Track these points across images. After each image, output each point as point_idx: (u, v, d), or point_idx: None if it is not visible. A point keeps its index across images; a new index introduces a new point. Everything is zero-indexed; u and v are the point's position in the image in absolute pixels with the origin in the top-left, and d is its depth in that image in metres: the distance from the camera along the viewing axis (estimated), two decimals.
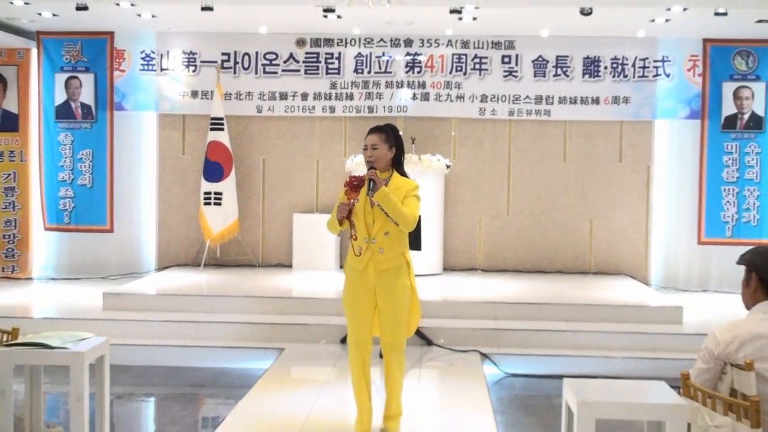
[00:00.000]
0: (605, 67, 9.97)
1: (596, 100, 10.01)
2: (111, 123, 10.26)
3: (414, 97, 10.09)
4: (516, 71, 10.03)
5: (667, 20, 8.96)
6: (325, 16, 8.93)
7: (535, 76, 10.02)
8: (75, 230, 10.30)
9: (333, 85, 10.14)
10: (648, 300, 8.37)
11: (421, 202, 4.79)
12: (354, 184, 4.66)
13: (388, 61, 10.12)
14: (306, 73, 10.15)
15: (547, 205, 10.21)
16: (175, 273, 9.79)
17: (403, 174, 4.87)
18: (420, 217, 4.80)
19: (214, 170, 9.82)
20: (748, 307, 3.35)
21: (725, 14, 8.57)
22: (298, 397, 5.81)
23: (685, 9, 8.39)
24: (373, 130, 4.84)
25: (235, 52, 10.17)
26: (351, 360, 4.91)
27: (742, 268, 3.39)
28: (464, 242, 10.26)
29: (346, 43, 10.11)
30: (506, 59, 10.03)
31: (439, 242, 9.82)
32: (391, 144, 4.80)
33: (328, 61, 10.14)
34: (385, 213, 4.62)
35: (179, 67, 10.22)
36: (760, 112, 9.86)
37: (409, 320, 4.88)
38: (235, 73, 10.17)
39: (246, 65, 10.18)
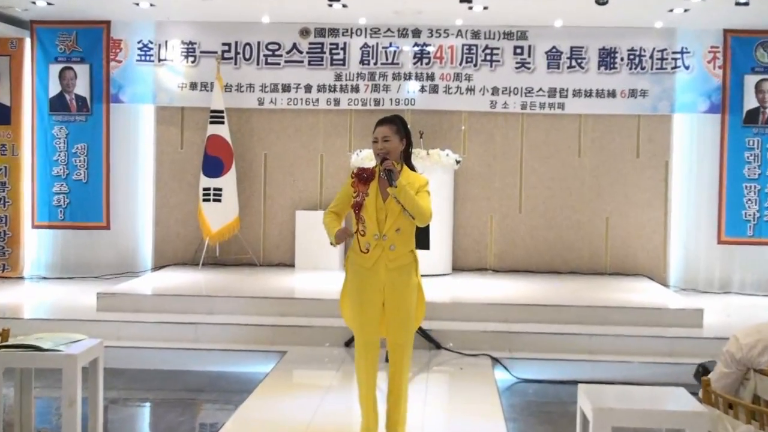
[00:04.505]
0: (622, 59, 9.93)
1: (612, 93, 9.98)
2: (107, 116, 10.25)
3: (422, 89, 10.07)
4: (529, 63, 10.00)
5: (686, 10, 8.92)
6: (330, 5, 8.94)
7: (548, 67, 9.99)
8: (69, 227, 10.28)
9: (338, 77, 10.12)
10: (667, 302, 8.34)
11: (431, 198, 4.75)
12: (363, 177, 4.55)
13: (395, 51, 10.09)
14: (310, 64, 10.13)
15: (561, 202, 10.18)
16: (172, 272, 9.79)
17: (412, 168, 4.80)
18: None
19: (213, 165, 9.82)
20: None
21: (747, 4, 8.49)
22: (300, 402, 5.80)
23: None
24: (384, 122, 4.76)
25: (236, 43, 10.15)
26: (358, 363, 4.84)
27: (765, 269, 3.36)
28: (474, 241, 10.24)
29: (351, 33, 10.09)
30: (518, 50, 10.00)
31: (448, 241, 9.79)
32: (402, 136, 4.73)
33: (333, 51, 10.12)
34: (402, 206, 4.55)
35: (178, 58, 10.21)
36: None
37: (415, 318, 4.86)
38: (236, 64, 10.16)
39: (247, 56, 10.16)
